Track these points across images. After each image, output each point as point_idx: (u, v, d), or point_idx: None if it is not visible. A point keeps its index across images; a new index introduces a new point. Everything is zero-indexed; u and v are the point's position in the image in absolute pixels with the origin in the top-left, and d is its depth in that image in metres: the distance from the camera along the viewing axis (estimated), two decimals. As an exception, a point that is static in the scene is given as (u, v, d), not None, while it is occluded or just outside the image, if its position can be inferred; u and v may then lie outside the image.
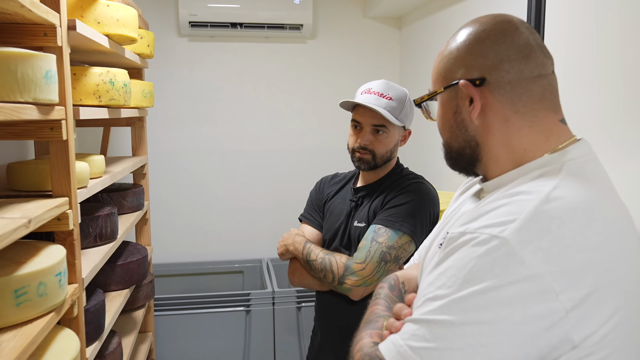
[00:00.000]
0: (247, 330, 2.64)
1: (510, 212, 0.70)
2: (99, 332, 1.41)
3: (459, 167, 0.91)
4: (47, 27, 1.10)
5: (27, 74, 0.95)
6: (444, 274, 0.71)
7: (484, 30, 0.83)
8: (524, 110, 0.81)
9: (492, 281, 0.66)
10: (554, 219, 0.68)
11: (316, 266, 1.50)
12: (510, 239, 0.67)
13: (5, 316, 0.93)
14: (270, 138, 3.25)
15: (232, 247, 3.25)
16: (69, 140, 1.16)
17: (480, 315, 0.66)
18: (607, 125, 1.42)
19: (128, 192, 2.02)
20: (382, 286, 0.99)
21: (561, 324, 0.65)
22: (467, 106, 0.83)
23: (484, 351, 0.65)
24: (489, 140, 0.83)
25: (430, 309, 0.70)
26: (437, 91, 0.87)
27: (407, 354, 0.69)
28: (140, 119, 2.32)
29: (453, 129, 0.86)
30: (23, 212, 0.99)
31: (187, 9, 2.91)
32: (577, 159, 0.77)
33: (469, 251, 0.70)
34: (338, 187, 1.72)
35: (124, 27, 1.55)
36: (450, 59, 0.85)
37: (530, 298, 0.65)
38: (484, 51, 0.81)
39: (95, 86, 1.44)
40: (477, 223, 0.72)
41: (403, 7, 3.05)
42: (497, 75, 0.81)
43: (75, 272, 1.20)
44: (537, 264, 0.65)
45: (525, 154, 0.80)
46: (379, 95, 1.53)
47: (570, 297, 0.65)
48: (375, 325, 0.85)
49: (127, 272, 1.79)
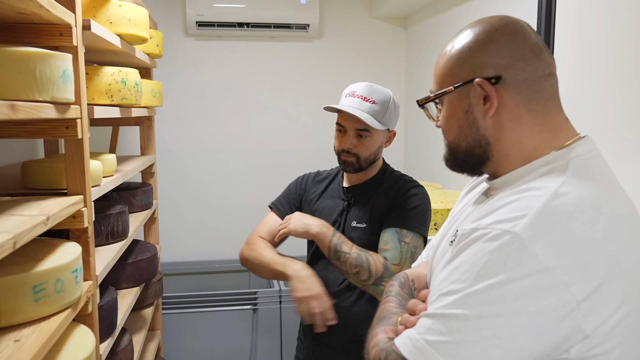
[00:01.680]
0: (254, 329, 2.66)
1: (520, 208, 0.72)
2: (112, 329, 1.42)
3: (465, 167, 0.90)
4: (63, 27, 1.11)
5: (45, 73, 0.96)
6: (457, 269, 0.73)
7: (497, 30, 0.83)
8: (537, 108, 0.82)
9: (505, 275, 0.68)
10: (564, 213, 0.70)
11: (350, 260, 1.44)
12: (522, 234, 0.68)
13: (24, 312, 0.95)
14: (276, 137, 3.27)
15: (239, 246, 3.23)
16: (83, 138, 1.18)
17: (495, 308, 0.67)
18: (617, 125, 1.43)
19: (137, 190, 2.04)
20: (393, 284, 1.01)
21: (573, 315, 0.67)
22: (481, 105, 0.83)
23: (500, 343, 0.67)
24: (501, 138, 0.83)
25: (445, 303, 0.72)
26: (447, 90, 0.86)
27: (423, 348, 0.71)
28: (149, 118, 2.33)
29: (463, 128, 0.86)
30: (40, 210, 1.01)
31: (194, 9, 2.92)
32: (583, 155, 0.79)
33: (481, 246, 0.71)
34: (324, 186, 1.71)
35: (136, 27, 1.57)
36: (461, 58, 0.85)
37: (543, 290, 0.67)
38: (498, 50, 0.82)
39: (107, 85, 1.46)
40: (488, 219, 0.74)
41: (409, 7, 3.06)
42: (513, 73, 0.81)
43: (90, 269, 1.22)
44: (549, 257, 0.67)
45: (534, 152, 0.82)
46: (362, 98, 1.52)
47: (581, 288, 0.67)
48: (389, 321, 0.86)
49: (137, 270, 1.81)
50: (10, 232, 0.82)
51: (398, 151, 3.44)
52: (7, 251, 0.78)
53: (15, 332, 0.92)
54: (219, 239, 3.25)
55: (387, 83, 3.32)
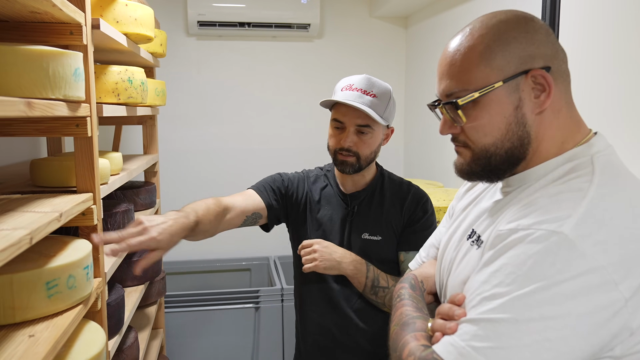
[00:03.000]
0: (256, 327, 2.67)
1: (563, 208, 0.70)
2: (119, 326, 1.43)
3: (494, 173, 0.84)
4: (74, 26, 1.12)
5: (58, 71, 0.97)
6: (499, 271, 0.70)
7: (533, 20, 0.80)
8: (569, 100, 0.82)
9: (555, 277, 0.66)
10: (606, 211, 0.69)
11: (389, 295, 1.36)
12: (570, 234, 0.67)
13: (38, 307, 0.96)
14: (278, 137, 3.28)
15: (240, 245, 3.26)
16: (93, 136, 1.19)
17: (545, 311, 0.66)
18: (623, 121, 1.45)
19: (141, 189, 2.05)
20: (404, 286, 0.97)
21: (621, 313, 0.66)
22: (533, 98, 0.78)
23: (551, 346, 0.65)
24: (540, 133, 0.80)
25: (489, 307, 0.69)
26: (495, 85, 0.78)
27: (470, 355, 0.68)
28: (151, 117, 2.34)
29: (511, 126, 0.79)
30: (53, 207, 1.02)
31: (195, 9, 2.93)
32: (602, 151, 0.79)
33: (525, 247, 0.69)
34: (319, 192, 1.54)
35: (142, 26, 1.58)
36: (504, 49, 0.78)
37: (593, 290, 0.66)
38: (543, 40, 0.79)
39: (114, 84, 1.47)
40: (529, 219, 0.72)
41: (409, 7, 3.08)
42: (557, 64, 0.79)
43: (99, 267, 1.23)
44: (598, 256, 0.66)
45: (562, 146, 0.80)
46: (361, 92, 1.39)
47: (628, 286, 0.66)
48: (415, 327, 0.82)
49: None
50: (26, 228, 0.83)
51: (398, 150, 3.46)
52: (24, 247, 0.79)
53: (30, 327, 0.93)
54: (220, 238, 3.21)
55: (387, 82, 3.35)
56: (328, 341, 1.49)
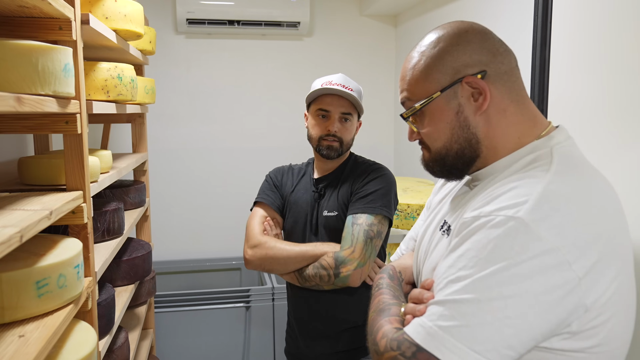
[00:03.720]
0: (247, 326, 2.65)
1: (520, 194, 0.76)
2: (110, 326, 1.41)
3: (453, 172, 0.92)
4: (63, 21, 1.10)
5: (47, 66, 0.95)
6: (463, 256, 0.76)
7: (466, 31, 0.88)
8: (517, 98, 0.87)
9: (513, 258, 0.71)
10: (561, 197, 0.75)
11: (309, 275, 1.48)
12: (526, 218, 0.72)
13: (28, 307, 0.94)
14: (267, 135, 3.27)
15: (230, 244, 3.25)
16: (83, 134, 1.17)
17: (504, 290, 0.71)
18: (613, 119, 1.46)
19: (130, 188, 2.03)
20: (382, 277, 1.03)
21: (575, 291, 0.71)
22: (472, 102, 0.86)
23: (511, 322, 0.70)
24: (489, 133, 0.87)
25: (454, 289, 0.74)
26: (434, 96, 0.87)
27: (437, 334, 0.73)
28: (140, 115, 2.32)
29: (455, 130, 0.87)
30: (43, 205, 1.00)
31: (184, 6, 2.91)
32: (562, 142, 0.85)
33: (486, 233, 0.74)
34: (297, 180, 1.73)
35: (131, 22, 1.56)
36: (439, 63, 0.87)
37: (549, 270, 0.71)
38: (476, 49, 0.86)
39: (103, 81, 1.45)
40: (490, 207, 0.77)
41: (399, 5, 3.08)
42: (495, 67, 0.86)
43: (90, 266, 1.21)
44: (552, 238, 0.71)
45: (519, 141, 0.86)
46: (341, 86, 1.58)
47: (581, 266, 0.72)
48: (390, 312, 0.87)
49: (132, 268, 1.80)
50: (16, 225, 0.81)
51: (388, 148, 3.47)
52: (14, 245, 0.78)
53: (19, 327, 0.91)
54: (209, 238, 3.24)
55: (377, 80, 3.37)
56: (305, 313, 1.65)
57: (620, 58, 1.42)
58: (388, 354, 0.77)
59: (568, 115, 1.58)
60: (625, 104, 1.40)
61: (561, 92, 1.59)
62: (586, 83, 1.53)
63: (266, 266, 1.55)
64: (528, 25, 1.76)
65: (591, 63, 1.52)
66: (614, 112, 1.44)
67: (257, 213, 1.66)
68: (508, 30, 1.95)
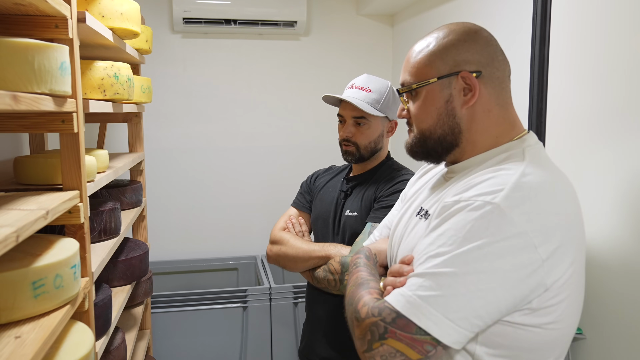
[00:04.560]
0: (244, 326, 2.64)
1: (497, 184, 0.85)
2: (107, 326, 1.40)
3: (432, 154, 1.01)
4: (59, 19, 1.09)
5: (43, 64, 0.94)
6: (443, 235, 0.84)
7: (476, 32, 0.96)
8: (502, 103, 0.96)
9: (488, 238, 0.80)
10: (532, 189, 0.84)
11: (319, 277, 1.50)
12: (501, 204, 0.81)
13: (24, 308, 0.93)
14: (264, 135, 3.26)
15: (226, 244, 3.24)
16: (79, 133, 1.16)
17: (478, 266, 0.80)
18: (613, 117, 1.46)
19: (127, 188, 2.01)
20: (359, 257, 1.11)
21: (538, 271, 0.81)
22: (461, 95, 0.94)
23: (481, 295, 0.80)
24: (472, 127, 0.96)
25: (434, 264, 0.83)
26: (431, 81, 0.95)
27: (416, 302, 0.81)
28: (137, 114, 2.30)
29: (441, 116, 0.96)
30: (39, 204, 0.99)
31: (180, 5, 2.90)
32: (532, 145, 0.95)
33: (465, 215, 0.83)
34: (330, 177, 1.77)
35: (128, 21, 1.55)
36: (444, 53, 0.95)
37: (518, 251, 0.80)
38: (480, 49, 0.95)
39: (100, 80, 1.44)
40: (469, 193, 0.86)
41: (396, 5, 3.08)
42: (490, 71, 0.95)
43: (86, 266, 1.20)
44: (523, 223, 0.80)
45: (497, 140, 0.96)
46: (359, 88, 1.59)
47: (545, 249, 0.81)
48: (369, 285, 0.95)
49: (129, 268, 1.78)
50: (12, 225, 0.80)
51: (385, 148, 3.46)
52: (10, 245, 0.77)
53: (15, 328, 0.90)
54: (205, 238, 3.22)
55: (374, 80, 3.35)
56: (308, 292, 1.72)
57: (620, 56, 1.42)
58: (369, 319, 0.85)
59: (567, 114, 1.58)
60: (624, 103, 1.40)
61: (560, 91, 1.59)
62: (585, 82, 1.53)
63: (280, 262, 1.60)
64: (525, 24, 1.76)
65: (591, 61, 1.52)
66: (613, 111, 1.44)
67: (286, 213, 1.75)
68: (505, 30, 1.95)
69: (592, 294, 1.46)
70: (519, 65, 1.81)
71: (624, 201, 1.39)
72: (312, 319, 1.71)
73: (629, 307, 1.39)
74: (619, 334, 1.43)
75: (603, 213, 1.45)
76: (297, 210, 1.76)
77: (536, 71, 1.48)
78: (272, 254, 1.62)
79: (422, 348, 0.81)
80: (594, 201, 1.48)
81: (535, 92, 1.49)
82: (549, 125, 1.56)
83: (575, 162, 1.56)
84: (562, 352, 0.92)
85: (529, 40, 1.58)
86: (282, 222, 1.70)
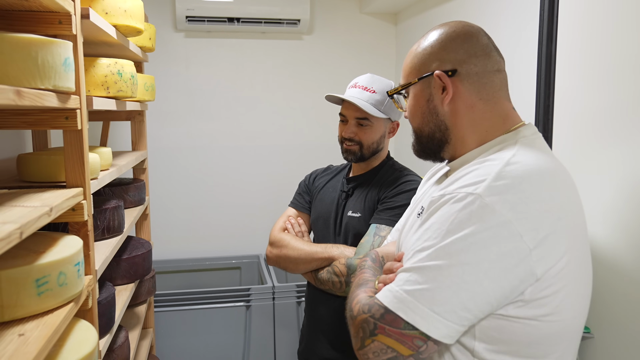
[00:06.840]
0: (247, 325, 2.64)
1: (480, 175, 0.85)
2: (110, 325, 1.40)
3: (429, 152, 1.04)
4: (63, 15, 1.08)
5: (47, 60, 0.93)
6: (429, 229, 0.85)
7: (454, 31, 0.98)
8: (487, 97, 0.96)
9: (470, 228, 0.80)
10: (516, 177, 0.83)
11: (323, 279, 1.49)
12: (483, 194, 0.81)
13: (27, 306, 0.92)
14: (267, 134, 3.25)
15: (229, 243, 3.23)
16: (83, 130, 1.15)
17: (463, 257, 0.80)
18: (621, 114, 1.45)
19: (130, 186, 2.01)
20: (366, 260, 1.13)
21: (526, 261, 0.80)
22: (440, 94, 0.97)
23: (467, 287, 0.79)
24: (457, 123, 0.97)
25: (419, 257, 0.83)
26: (412, 82, 1.01)
27: (402, 297, 0.82)
28: (140, 113, 2.30)
29: (425, 114, 1.00)
30: (42, 201, 0.98)
31: (183, 4, 2.89)
32: (528, 136, 0.94)
33: (449, 208, 0.84)
34: (330, 177, 1.75)
35: (131, 18, 1.54)
36: (425, 54, 0.99)
37: (502, 240, 0.79)
38: (455, 47, 0.97)
39: (103, 77, 1.43)
40: (453, 186, 0.87)
41: (399, 3, 3.07)
42: (467, 67, 0.96)
43: (90, 264, 1.19)
44: (506, 212, 0.80)
45: (487, 134, 0.96)
46: (362, 88, 1.57)
47: (532, 238, 0.80)
48: (367, 285, 0.97)
49: (132, 266, 1.78)
50: (16, 222, 0.79)
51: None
52: (14, 241, 0.76)
53: (19, 326, 0.90)
54: (208, 237, 3.22)
55: (377, 79, 3.34)
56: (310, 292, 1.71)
57: (628, 54, 1.40)
58: (360, 316, 0.86)
59: (574, 112, 1.57)
60: (632, 101, 1.39)
61: (567, 88, 1.58)
62: (593, 79, 1.52)
63: (281, 264, 1.59)
64: (532, 22, 1.74)
65: (598, 59, 1.51)
66: (621, 109, 1.43)
67: (285, 214, 1.74)
68: (511, 27, 1.94)
69: (600, 293, 1.45)
70: (525, 62, 1.80)
71: (632, 200, 1.38)
72: (313, 319, 1.69)
73: (637, 306, 1.38)
74: (626, 333, 1.41)
75: (611, 212, 1.44)
76: (295, 211, 1.75)
77: (543, 68, 1.47)
78: (272, 256, 1.60)
79: (412, 343, 0.81)
80: (601, 200, 1.47)
81: (542, 89, 1.48)
82: (556, 123, 1.55)
83: (582, 159, 1.54)
84: (569, 347, 0.89)
85: (535, 37, 1.57)
86: (281, 222, 1.69)
